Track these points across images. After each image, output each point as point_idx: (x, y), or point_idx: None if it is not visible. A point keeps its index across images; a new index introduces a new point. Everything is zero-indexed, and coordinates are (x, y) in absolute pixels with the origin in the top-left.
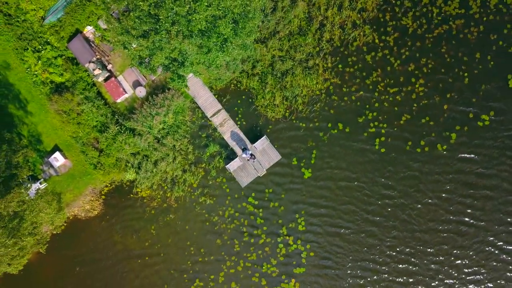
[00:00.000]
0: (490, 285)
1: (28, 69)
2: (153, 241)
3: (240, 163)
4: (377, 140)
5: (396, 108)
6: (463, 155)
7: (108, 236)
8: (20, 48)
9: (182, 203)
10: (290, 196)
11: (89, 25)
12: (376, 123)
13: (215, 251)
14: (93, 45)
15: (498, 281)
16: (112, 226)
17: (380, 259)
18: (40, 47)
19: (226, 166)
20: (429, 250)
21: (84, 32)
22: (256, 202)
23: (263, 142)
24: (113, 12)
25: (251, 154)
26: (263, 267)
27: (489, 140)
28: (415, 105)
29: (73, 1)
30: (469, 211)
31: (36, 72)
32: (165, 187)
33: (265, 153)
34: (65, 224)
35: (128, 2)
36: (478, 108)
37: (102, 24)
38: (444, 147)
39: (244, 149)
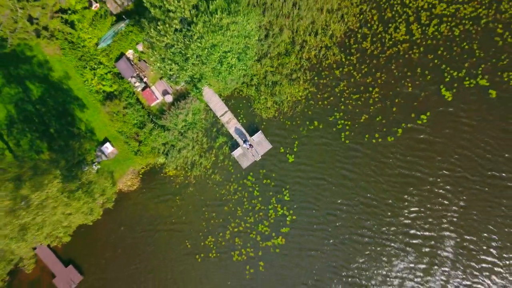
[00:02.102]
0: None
1: (86, 82)
2: (178, 208)
3: (242, 151)
4: (343, 134)
5: (357, 110)
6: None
7: (144, 205)
8: (80, 67)
9: (199, 180)
10: (279, 175)
11: (130, 49)
12: (342, 121)
13: (223, 215)
14: (133, 63)
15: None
16: (147, 197)
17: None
18: (95, 66)
19: (231, 153)
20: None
21: (127, 54)
22: (253, 179)
23: (258, 135)
24: (148, 39)
25: (250, 144)
26: (259, 227)
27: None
28: (371, 107)
29: (119, 32)
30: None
31: (92, 84)
32: (186, 168)
33: (260, 144)
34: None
35: (167, 43)
36: (418, 110)
37: (140, 48)
38: (392, 138)
39: (245, 141)
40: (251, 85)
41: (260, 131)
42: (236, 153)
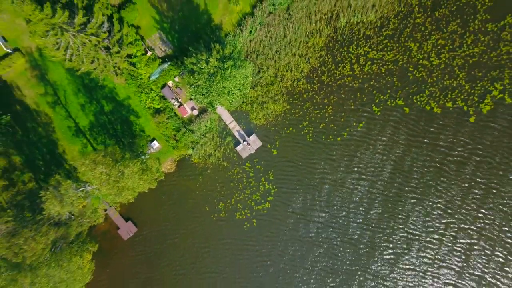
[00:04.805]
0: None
1: (141, 101)
2: (200, 183)
3: (242, 147)
4: (308, 135)
5: (317, 120)
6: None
7: (177, 181)
8: (138, 91)
9: (214, 166)
10: (266, 163)
11: (171, 80)
12: (308, 128)
13: (230, 189)
14: (172, 90)
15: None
16: (179, 176)
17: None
18: (148, 91)
19: (235, 148)
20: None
21: (168, 83)
22: (250, 165)
23: (253, 136)
24: (182, 72)
25: (247, 142)
26: (253, 196)
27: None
28: (327, 119)
29: (164, 70)
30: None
31: (146, 103)
32: (206, 158)
33: (254, 142)
34: None
35: (198, 84)
36: (357, 120)
37: (176, 80)
38: (340, 138)
39: (244, 140)
40: (248, 103)
41: (254, 133)
42: (238, 148)
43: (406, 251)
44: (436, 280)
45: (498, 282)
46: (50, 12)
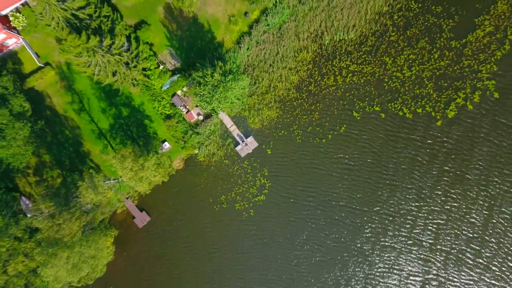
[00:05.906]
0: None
1: (154, 108)
2: (204, 179)
3: (241, 147)
4: (298, 137)
5: (305, 124)
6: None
7: (184, 177)
8: (151, 100)
9: (217, 163)
10: (262, 160)
11: (179, 90)
12: (297, 131)
13: (230, 183)
14: (181, 98)
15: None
16: (187, 173)
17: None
18: (160, 99)
19: (235, 148)
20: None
21: (177, 92)
22: (247, 163)
23: (250, 138)
24: (189, 83)
25: (245, 143)
26: (250, 190)
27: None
28: (314, 123)
29: (174, 81)
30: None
31: (158, 109)
32: (209, 156)
33: (251, 143)
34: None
35: (203, 93)
36: (340, 124)
37: (185, 89)
38: (325, 140)
39: (243, 141)
40: (246, 110)
41: (251, 135)
42: (238, 148)
43: (384, 230)
44: (409, 255)
45: (464, 256)
46: (85, 38)
